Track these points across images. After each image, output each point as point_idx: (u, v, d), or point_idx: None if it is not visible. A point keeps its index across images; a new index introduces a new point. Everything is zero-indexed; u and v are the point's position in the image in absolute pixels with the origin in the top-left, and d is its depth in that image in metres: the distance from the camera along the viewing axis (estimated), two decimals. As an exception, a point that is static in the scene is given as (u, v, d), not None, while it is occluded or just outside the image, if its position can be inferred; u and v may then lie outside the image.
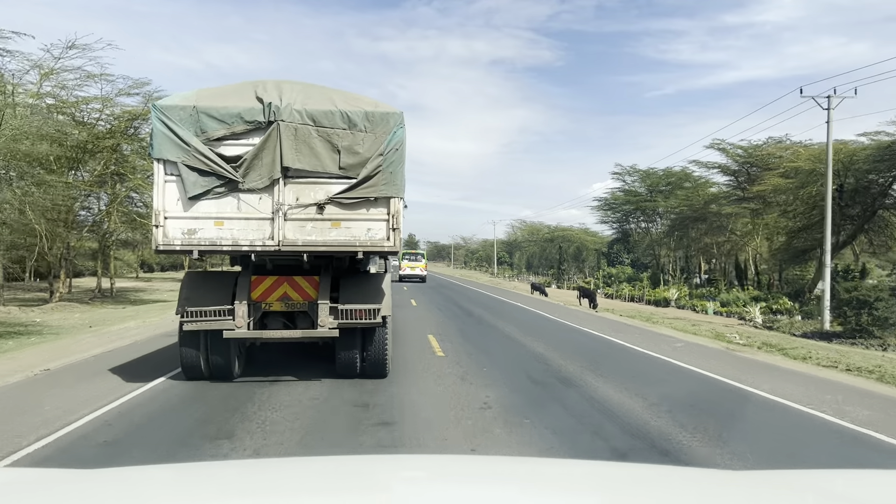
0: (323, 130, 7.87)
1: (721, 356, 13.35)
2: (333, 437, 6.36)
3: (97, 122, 24.16)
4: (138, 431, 6.51)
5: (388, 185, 7.96)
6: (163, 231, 7.78)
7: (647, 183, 57.24)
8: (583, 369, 10.73)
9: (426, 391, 8.60)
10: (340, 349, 8.84)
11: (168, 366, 9.87)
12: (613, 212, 63.22)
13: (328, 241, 8.00)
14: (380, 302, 8.48)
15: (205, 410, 7.44)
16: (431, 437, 6.33)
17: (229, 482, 1.98)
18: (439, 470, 2.31)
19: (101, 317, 19.05)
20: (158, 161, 7.74)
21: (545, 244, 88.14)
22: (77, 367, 10.17)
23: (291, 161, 7.93)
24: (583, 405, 8.01)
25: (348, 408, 7.55)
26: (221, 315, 8.20)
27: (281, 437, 6.31)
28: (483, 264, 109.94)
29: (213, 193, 7.87)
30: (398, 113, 8.00)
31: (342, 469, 2.24)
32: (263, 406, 7.59)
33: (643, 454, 5.85)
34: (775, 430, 7.16)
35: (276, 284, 8.56)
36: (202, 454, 5.64)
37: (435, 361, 11.04)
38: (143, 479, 2.08)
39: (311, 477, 2.04)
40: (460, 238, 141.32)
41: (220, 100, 7.89)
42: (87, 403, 7.50)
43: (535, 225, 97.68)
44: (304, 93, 8.06)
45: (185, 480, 2.08)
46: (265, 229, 7.95)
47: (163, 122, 7.67)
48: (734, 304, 30.83)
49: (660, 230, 56.76)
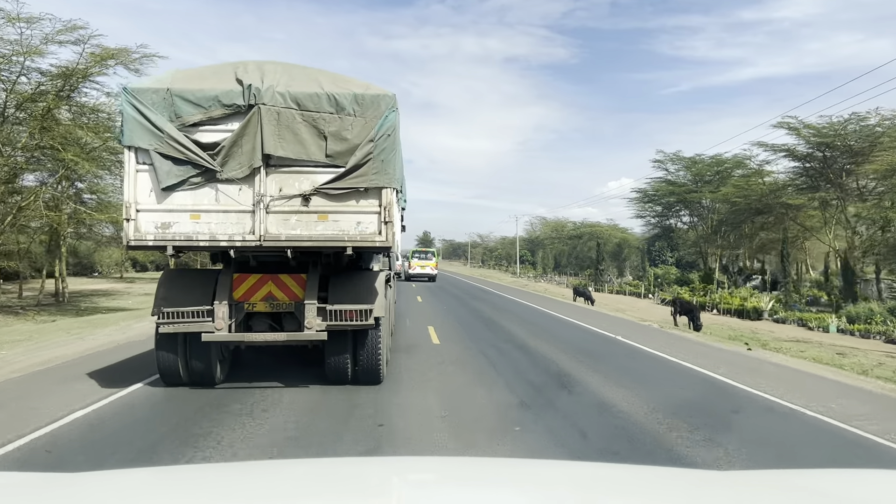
0: (308, 115, 7.32)
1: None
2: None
3: (18, 77, 18.87)
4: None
5: (379, 174, 7.36)
6: (134, 225, 7.30)
7: (693, 171, 52.90)
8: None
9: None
10: (330, 354, 8.26)
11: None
12: (654, 204, 58.56)
13: (314, 236, 7.58)
14: (372, 302, 7.87)
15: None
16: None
17: (226, 485, 1.98)
18: (445, 472, 2.31)
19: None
20: (129, 149, 7.29)
21: (571, 241, 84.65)
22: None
23: (273, 148, 7.56)
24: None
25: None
26: (200, 316, 7.73)
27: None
28: (502, 263, 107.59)
29: (189, 184, 7.50)
30: (390, 95, 7.36)
31: (343, 471, 2.24)
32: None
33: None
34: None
35: (259, 283, 7.99)
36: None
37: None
38: (133, 482, 2.07)
39: (311, 480, 2.03)
40: (477, 236, 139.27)
41: (197, 82, 7.32)
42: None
43: (560, 221, 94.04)
44: (287, 74, 7.47)
45: (180, 483, 2.04)
46: (245, 223, 7.61)
47: (133, 105, 7.16)
48: (866, 320, 24.83)
49: (707, 225, 52.09)
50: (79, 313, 21.17)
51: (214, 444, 6.14)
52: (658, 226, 60.90)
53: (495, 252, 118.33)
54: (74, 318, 19.55)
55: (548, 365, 11.48)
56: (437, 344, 13.75)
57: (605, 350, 14.14)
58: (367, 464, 2.92)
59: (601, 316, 24.43)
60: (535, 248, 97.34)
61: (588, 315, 24.11)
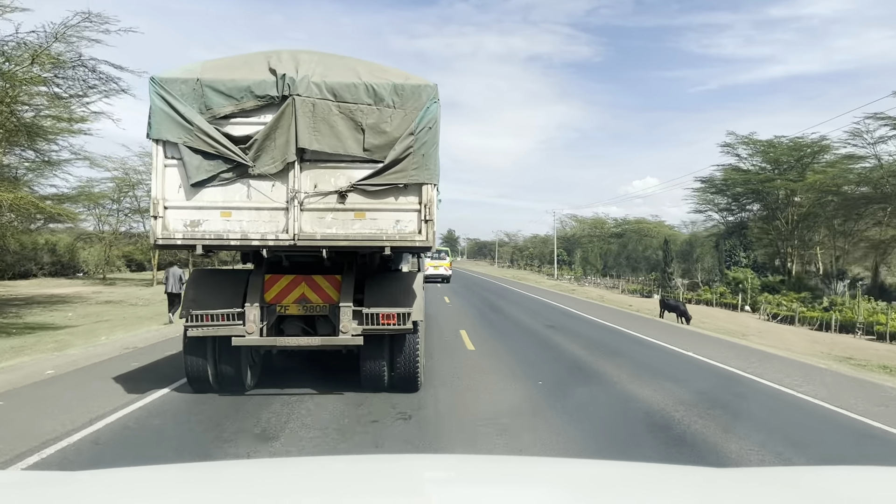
0: (345, 106, 7.00)
1: None
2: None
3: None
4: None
5: (419, 169, 7.01)
6: (162, 223, 7.05)
7: (769, 157, 46.72)
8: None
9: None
10: (365, 359, 7.89)
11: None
12: (722, 196, 52.25)
13: (350, 235, 7.47)
14: (410, 305, 7.54)
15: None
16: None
17: (249, 481, 1.98)
18: (468, 471, 2.33)
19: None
20: (157, 142, 7.08)
21: (614, 240, 79.14)
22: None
23: (308, 142, 7.42)
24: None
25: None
26: (230, 319, 7.41)
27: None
28: (533, 263, 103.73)
29: (220, 179, 7.43)
30: (431, 85, 7.00)
31: (367, 468, 2.27)
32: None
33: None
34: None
35: (292, 284, 7.69)
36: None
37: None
38: (159, 478, 2.09)
39: (335, 477, 2.07)
40: (504, 234, 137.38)
41: (228, 72, 7.02)
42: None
43: (598, 217, 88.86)
44: (323, 63, 7.15)
45: (203, 480, 2.05)
46: (279, 221, 7.49)
47: (161, 97, 6.88)
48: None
49: (787, 219, 45.99)
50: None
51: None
52: (727, 221, 54.31)
53: (526, 251, 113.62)
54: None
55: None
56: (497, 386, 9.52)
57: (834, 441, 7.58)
58: (395, 461, 2.94)
59: (722, 346, 16.78)
60: (572, 248, 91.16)
61: (701, 343, 16.75)
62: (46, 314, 21.87)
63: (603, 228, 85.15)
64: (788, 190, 44.37)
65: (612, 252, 77.78)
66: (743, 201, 51.04)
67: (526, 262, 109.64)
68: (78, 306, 24.84)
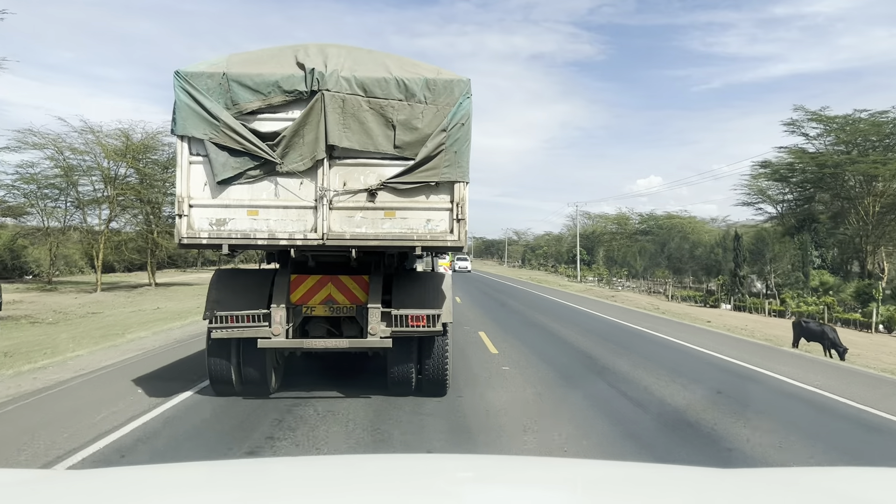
0: (375, 102, 6.87)
1: None
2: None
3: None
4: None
5: (451, 167, 6.94)
6: (187, 221, 6.92)
7: (844, 137, 40.09)
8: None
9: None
10: (393, 362, 7.79)
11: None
12: (784, 184, 44.34)
13: (380, 234, 7.41)
14: (440, 306, 7.48)
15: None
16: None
17: (276, 479, 2.01)
18: (483, 471, 2.33)
19: None
20: (182, 139, 7.00)
21: (638, 237, 73.35)
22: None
23: (338, 138, 7.46)
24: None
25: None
26: (256, 321, 7.31)
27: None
28: (548, 263, 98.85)
29: (247, 177, 7.39)
30: (465, 80, 6.91)
31: (391, 467, 2.33)
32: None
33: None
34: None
35: (318, 285, 7.60)
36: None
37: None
38: (182, 475, 2.17)
39: (359, 476, 2.10)
40: (513, 232, 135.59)
41: (255, 66, 6.90)
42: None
43: (622, 213, 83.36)
44: (352, 58, 7.06)
45: (227, 477, 2.09)
46: (307, 220, 7.59)
47: (187, 91, 6.77)
48: None
49: (867, 211, 39.69)
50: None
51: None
52: (788, 213, 46.04)
53: (540, 250, 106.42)
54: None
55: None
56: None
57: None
58: (415, 461, 3.04)
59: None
60: (592, 246, 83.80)
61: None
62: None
63: (627, 225, 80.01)
64: (865, 176, 38.05)
65: (646, 251, 65.79)
66: (810, 190, 43.27)
67: (539, 261, 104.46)
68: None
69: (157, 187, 39.47)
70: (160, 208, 40.29)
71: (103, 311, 23.37)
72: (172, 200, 33.52)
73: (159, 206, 40.14)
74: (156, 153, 39.34)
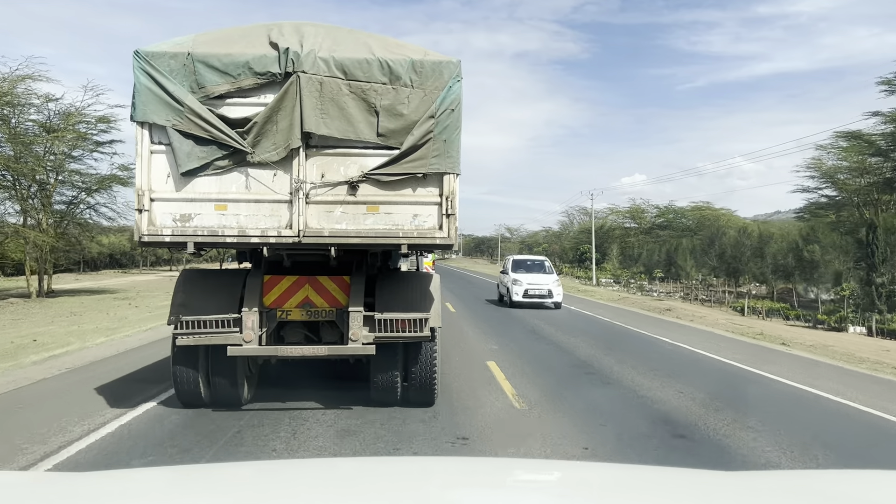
0: (356, 85, 6.34)
1: None
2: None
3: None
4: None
5: (440, 157, 6.47)
6: (148, 217, 6.25)
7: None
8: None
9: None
10: (377, 370, 7.24)
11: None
12: (881, 158, 33.10)
13: (363, 231, 7.00)
14: (427, 310, 7.05)
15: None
16: None
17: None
18: (477, 474, 2.30)
19: None
20: (142, 125, 6.49)
21: (657, 232, 65.44)
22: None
23: (315, 125, 6.74)
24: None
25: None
26: (225, 326, 6.73)
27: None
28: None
29: (214, 168, 6.94)
30: (454, 62, 6.40)
31: (371, 471, 2.29)
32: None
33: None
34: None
35: (294, 287, 7.09)
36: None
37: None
38: (179, 478, 2.21)
39: (340, 480, 2.08)
40: (505, 229, 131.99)
41: (224, 46, 6.39)
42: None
43: (636, 206, 73.93)
44: (331, 37, 6.52)
45: (213, 482, 2.09)
46: (281, 215, 6.92)
47: (147, 73, 6.18)
48: None
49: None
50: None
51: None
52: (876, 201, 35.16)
53: (539, 248, 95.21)
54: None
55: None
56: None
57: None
58: (394, 464, 3.02)
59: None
60: (602, 242, 71.89)
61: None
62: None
63: (642, 219, 71.32)
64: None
65: (681, 248, 49.89)
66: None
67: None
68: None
69: (40, 159, 26.80)
70: (49, 190, 28.01)
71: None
72: (66, 179, 28.60)
73: (48, 187, 28.05)
74: (32, 110, 26.80)
